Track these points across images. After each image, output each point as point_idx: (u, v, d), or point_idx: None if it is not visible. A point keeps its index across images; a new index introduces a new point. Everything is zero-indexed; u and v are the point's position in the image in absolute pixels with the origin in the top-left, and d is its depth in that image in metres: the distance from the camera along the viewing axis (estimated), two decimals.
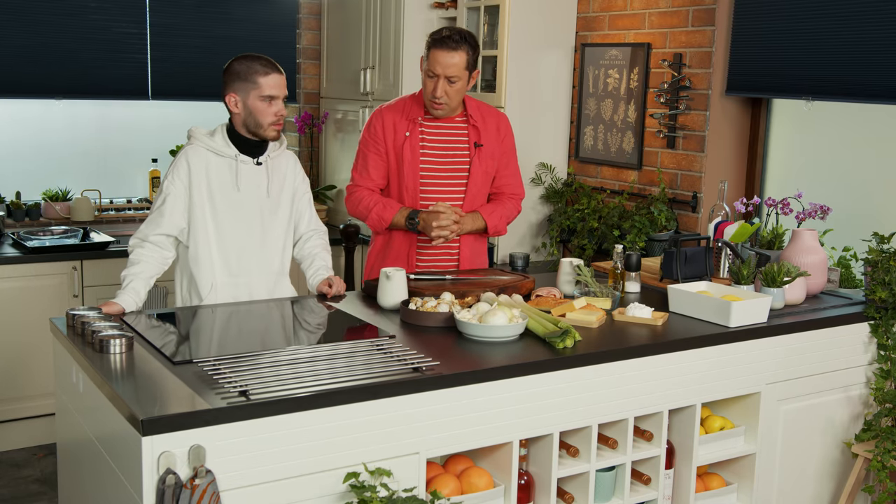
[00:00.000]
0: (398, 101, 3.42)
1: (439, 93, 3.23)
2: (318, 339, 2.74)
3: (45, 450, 4.37)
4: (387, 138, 3.34)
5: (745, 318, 2.85)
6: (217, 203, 2.99)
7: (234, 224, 3.02)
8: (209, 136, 3.02)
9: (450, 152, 3.37)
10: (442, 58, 3.20)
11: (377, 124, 3.36)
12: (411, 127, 3.33)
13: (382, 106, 3.43)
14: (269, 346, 2.51)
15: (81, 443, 2.46)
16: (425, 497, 2.34)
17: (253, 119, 2.97)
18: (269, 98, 2.96)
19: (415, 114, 3.35)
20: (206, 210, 2.99)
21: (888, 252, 3.15)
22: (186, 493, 1.94)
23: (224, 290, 3.03)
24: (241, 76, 2.95)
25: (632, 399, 2.65)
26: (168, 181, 2.98)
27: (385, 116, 3.36)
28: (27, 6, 4.72)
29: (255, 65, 2.96)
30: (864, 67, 3.44)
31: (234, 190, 3.00)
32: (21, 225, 4.81)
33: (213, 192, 2.99)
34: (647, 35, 4.21)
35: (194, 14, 5.18)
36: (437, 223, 3.23)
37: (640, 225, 4.01)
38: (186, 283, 3.06)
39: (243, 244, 3.04)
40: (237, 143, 3.02)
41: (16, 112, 5.00)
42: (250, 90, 2.94)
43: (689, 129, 4.05)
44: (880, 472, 3.04)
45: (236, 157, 3.01)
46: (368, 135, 3.38)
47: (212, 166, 2.99)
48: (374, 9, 4.91)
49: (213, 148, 3.00)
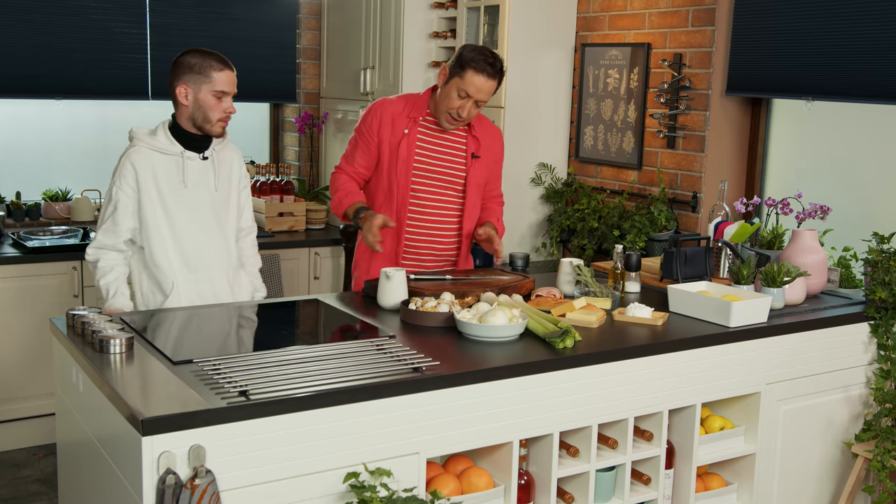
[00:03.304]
0: (402, 97, 3.38)
1: (465, 114, 3.20)
2: (317, 339, 2.74)
3: (45, 450, 4.37)
4: (382, 131, 3.29)
5: (745, 318, 2.85)
6: (167, 202, 2.99)
7: (188, 221, 3.03)
8: (151, 136, 3.02)
9: (446, 159, 3.34)
10: (480, 83, 3.14)
11: (375, 116, 3.31)
12: (411, 125, 3.29)
13: (385, 98, 3.38)
14: (269, 346, 2.51)
15: (81, 443, 2.46)
16: (425, 497, 2.34)
17: (202, 113, 2.98)
18: (220, 93, 2.97)
19: (417, 113, 3.30)
20: (158, 210, 2.99)
21: (888, 252, 3.15)
22: (186, 493, 1.94)
23: (186, 287, 3.04)
24: (194, 69, 2.95)
25: (632, 399, 2.65)
26: (116, 187, 2.99)
27: (385, 109, 3.31)
28: (27, 6, 4.72)
29: (209, 59, 2.97)
30: (864, 67, 3.44)
31: (182, 187, 3.01)
32: (21, 225, 4.81)
33: (162, 191, 2.99)
34: (647, 35, 4.21)
35: (194, 14, 5.17)
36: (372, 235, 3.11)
37: (640, 225, 4.01)
38: (146, 283, 3.06)
39: (199, 240, 3.05)
40: (180, 139, 3.02)
41: (16, 112, 5.00)
42: (202, 83, 2.95)
43: (689, 129, 4.05)
44: (880, 472, 3.04)
45: (182, 153, 3.01)
46: (364, 125, 3.33)
47: (157, 166, 2.99)
48: (374, 9, 4.91)
49: (157, 147, 3.00)
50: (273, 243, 4.80)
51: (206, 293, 3.08)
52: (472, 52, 3.17)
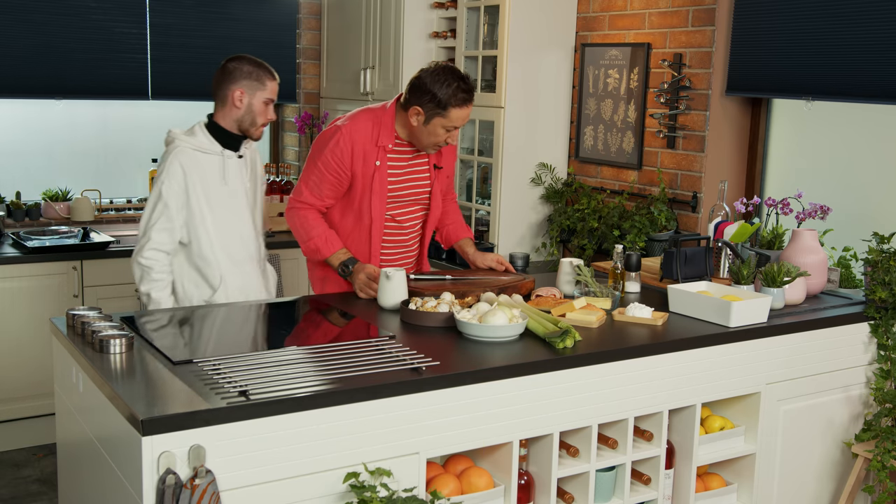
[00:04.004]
0: (363, 122, 3.15)
1: (453, 140, 3.15)
2: (317, 339, 2.74)
3: (45, 450, 4.37)
4: (355, 165, 3.12)
5: (745, 318, 2.85)
6: (212, 199, 3.12)
7: (230, 216, 3.17)
8: (191, 136, 3.13)
9: (412, 177, 3.26)
10: (466, 112, 3.07)
11: (346, 148, 3.10)
12: (381, 155, 3.14)
13: (345, 126, 3.14)
14: (269, 346, 2.51)
15: (81, 443, 2.46)
16: (425, 497, 2.34)
17: (251, 117, 3.14)
18: (269, 101, 3.16)
19: (384, 140, 3.14)
20: (204, 207, 3.10)
21: (888, 252, 3.15)
22: (186, 493, 1.95)
23: (232, 280, 3.18)
24: (252, 76, 3.13)
25: (632, 399, 2.65)
26: (165, 186, 3.06)
27: (355, 140, 3.11)
28: (27, 6, 4.72)
29: (263, 69, 3.16)
30: (864, 67, 3.44)
31: (223, 184, 3.14)
32: (21, 225, 4.81)
33: (207, 188, 3.11)
34: (647, 35, 4.21)
35: (194, 14, 5.18)
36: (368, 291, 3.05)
37: (640, 225, 4.01)
38: (193, 278, 3.16)
39: (242, 234, 3.21)
40: (218, 139, 3.15)
41: (16, 112, 5.00)
42: (257, 90, 3.13)
43: (689, 129, 4.05)
44: (880, 472, 3.04)
45: (222, 152, 3.15)
46: (333, 157, 3.11)
47: (201, 164, 3.10)
48: (374, 9, 4.91)
49: (199, 146, 3.11)
50: (273, 243, 4.79)
51: (247, 285, 3.23)
52: (445, 87, 3.00)
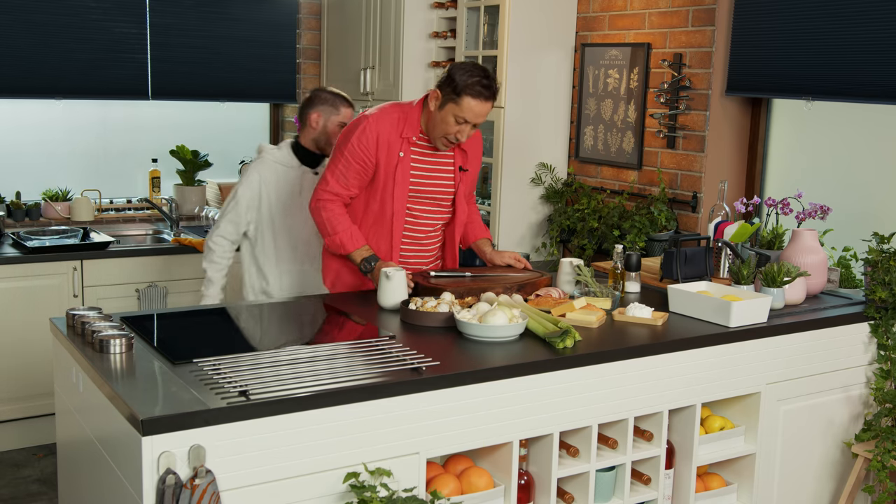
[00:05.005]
0: (389, 114, 3.18)
1: (463, 137, 3.10)
2: (318, 339, 2.74)
3: (45, 450, 4.37)
4: (380, 154, 3.13)
5: (745, 318, 2.85)
6: (283, 206, 3.59)
7: (298, 223, 3.60)
8: (277, 150, 3.64)
9: (436, 174, 3.25)
10: (479, 108, 3.02)
11: (370, 137, 3.12)
12: (405, 147, 3.15)
13: (372, 115, 3.17)
14: (269, 346, 2.51)
15: (81, 443, 2.46)
16: (425, 497, 2.34)
17: (325, 137, 3.60)
18: (342, 124, 3.60)
19: (409, 132, 3.15)
20: (274, 213, 3.58)
21: (888, 252, 3.15)
22: (186, 493, 1.95)
23: (288, 277, 3.62)
24: (328, 101, 3.62)
25: (632, 399, 2.65)
26: (242, 188, 3.59)
27: (381, 129, 3.13)
28: (27, 6, 4.71)
29: (340, 97, 3.65)
30: (864, 67, 3.44)
31: (298, 194, 3.60)
32: (21, 225, 4.81)
33: (281, 197, 3.59)
34: (647, 35, 4.21)
35: (194, 14, 5.17)
36: None
37: (640, 225, 4.01)
38: (252, 270, 3.64)
39: (306, 238, 3.63)
40: (299, 156, 3.63)
41: (16, 112, 5.00)
42: (332, 114, 3.61)
43: (689, 129, 4.05)
44: (880, 472, 3.04)
45: (300, 167, 3.63)
46: (360, 146, 3.13)
47: (279, 176, 3.60)
48: (374, 9, 4.91)
49: (280, 160, 3.62)
50: None
51: (304, 283, 3.64)
52: (466, 76, 3.00)
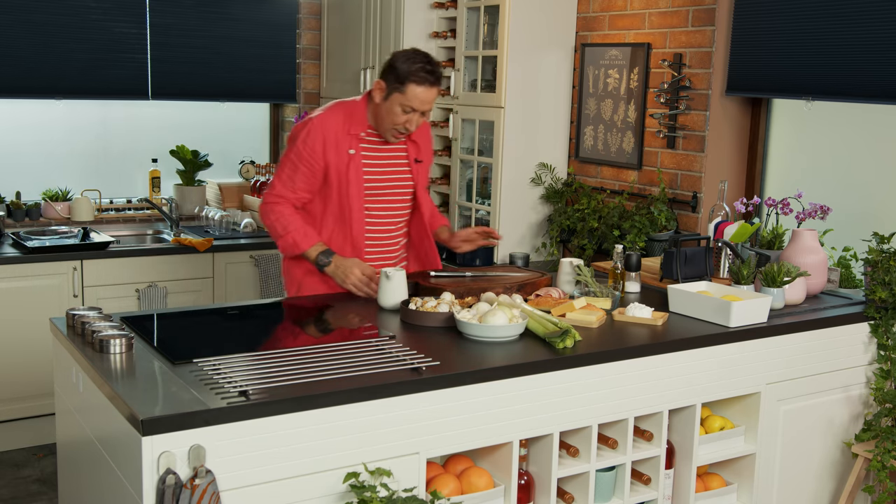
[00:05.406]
0: (336, 110, 3.16)
1: (413, 127, 3.10)
2: (317, 339, 2.74)
3: (45, 450, 4.37)
4: (328, 155, 3.10)
5: (745, 318, 2.85)
6: None
7: None
8: None
9: (393, 171, 3.23)
10: (424, 95, 3.02)
11: (317, 138, 3.10)
12: (354, 144, 3.13)
13: (317, 116, 3.15)
14: (269, 346, 2.51)
15: (81, 443, 2.46)
16: (425, 497, 2.34)
17: None
18: None
19: (357, 129, 3.14)
20: None
21: (888, 252, 3.15)
22: (186, 493, 1.95)
23: None
24: None
25: (632, 399, 2.65)
26: None
27: (327, 129, 3.11)
28: (27, 6, 4.72)
29: None
30: (864, 67, 3.44)
31: None
32: (21, 225, 4.81)
33: None
34: (647, 35, 4.21)
35: (194, 14, 5.17)
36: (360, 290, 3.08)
37: (640, 225, 4.01)
38: None
39: None
40: None
41: (16, 112, 5.00)
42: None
43: (689, 129, 4.05)
44: (880, 472, 3.05)
45: None
46: (306, 148, 3.10)
47: None
48: (374, 9, 4.91)
49: None
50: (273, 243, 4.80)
51: None
52: (408, 63, 3.00)
